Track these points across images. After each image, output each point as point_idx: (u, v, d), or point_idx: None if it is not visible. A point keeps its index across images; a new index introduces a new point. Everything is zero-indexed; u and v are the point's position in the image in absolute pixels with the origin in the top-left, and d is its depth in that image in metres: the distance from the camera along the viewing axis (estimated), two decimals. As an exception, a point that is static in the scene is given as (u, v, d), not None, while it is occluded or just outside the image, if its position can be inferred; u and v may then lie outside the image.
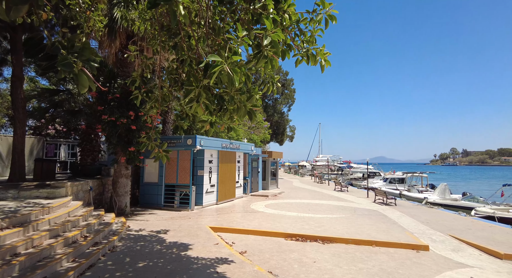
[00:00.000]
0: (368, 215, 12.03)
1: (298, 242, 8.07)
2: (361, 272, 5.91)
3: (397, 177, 30.19)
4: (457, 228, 9.97)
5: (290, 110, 43.57)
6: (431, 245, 7.95)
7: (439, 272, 6.03)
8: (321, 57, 4.44)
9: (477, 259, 7.04)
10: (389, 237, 8.47)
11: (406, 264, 6.51)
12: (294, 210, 12.79)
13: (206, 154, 13.30)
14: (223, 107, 5.16)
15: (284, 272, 5.79)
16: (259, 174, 20.02)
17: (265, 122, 27.07)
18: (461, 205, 17.70)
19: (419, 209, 14.27)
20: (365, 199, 17.98)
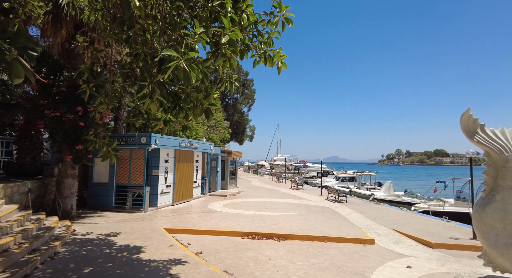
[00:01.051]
0: (321, 212, 12.61)
1: (255, 240, 8.18)
2: (313, 267, 6.18)
3: (348, 176, 32.07)
4: (399, 222, 10.91)
5: (250, 110, 43.92)
6: (376, 238, 8.58)
7: (382, 263, 6.54)
8: (278, 59, 4.56)
9: (414, 249, 7.78)
10: (340, 232, 8.97)
11: (354, 257, 6.96)
12: (252, 209, 12.92)
13: (162, 153, 12.84)
14: (178, 105, 5.03)
15: (240, 270, 5.82)
16: (218, 173, 19.87)
17: (225, 121, 26.92)
18: (403, 200, 19.40)
19: (367, 206, 15.33)
20: (319, 196, 18.82)
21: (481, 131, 4.73)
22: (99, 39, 8.49)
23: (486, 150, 4.69)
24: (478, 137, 4.71)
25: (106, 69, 7.80)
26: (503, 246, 4.33)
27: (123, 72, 5.30)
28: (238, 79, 38.26)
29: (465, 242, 8.15)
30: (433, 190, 20.84)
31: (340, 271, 5.94)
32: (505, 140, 4.54)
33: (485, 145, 4.64)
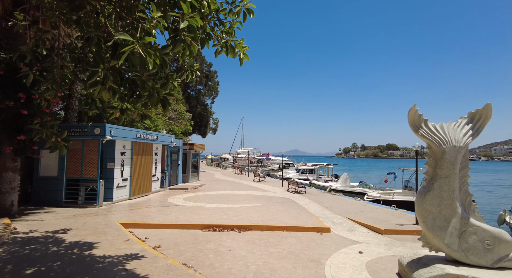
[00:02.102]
0: (281, 203, 12.96)
1: (215, 232, 8.17)
2: (272, 255, 6.35)
3: (308, 168, 33.28)
4: (353, 211, 11.61)
5: (213, 102, 43.22)
6: (332, 227, 9.06)
7: (336, 250, 6.93)
8: (240, 50, 4.52)
9: (365, 235, 8.36)
10: (298, 222, 9.30)
11: (311, 245, 7.27)
12: (214, 202, 12.86)
13: (118, 145, 12.18)
14: (135, 93, 4.79)
15: (199, 262, 5.79)
16: (179, 166, 19.40)
17: (187, 113, 26.21)
18: (357, 191, 20.68)
19: (324, 196, 16.07)
20: (280, 188, 19.29)
21: (424, 126, 5.17)
22: (44, 19, 7.71)
23: (428, 142, 5.15)
24: (422, 131, 5.15)
25: (54, 53, 7.15)
26: (438, 228, 4.84)
27: (74, 56, 4.90)
28: (201, 69, 37.36)
29: (409, 227, 8.94)
30: (384, 180, 22.52)
31: (297, 259, 6.18)
32: (444, 134, 5.02)
33: (427, 138, 5.09)
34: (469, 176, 5.12)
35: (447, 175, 4.93)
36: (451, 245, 4.77)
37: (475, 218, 4.92)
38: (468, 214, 4.94)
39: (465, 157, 5.10)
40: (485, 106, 5.10)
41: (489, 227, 4.77)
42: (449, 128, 5.12)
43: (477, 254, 4.66)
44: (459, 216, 4.84)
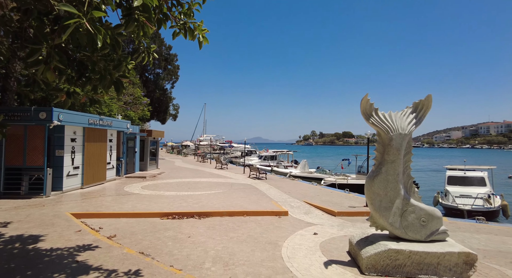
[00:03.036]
0: (243, 189, 13.15)
1: (175, 220, 8.07)
2: (231, 240, 6.47)
3: (269, 155, 33.98)
4: (309, 195, 12.18)
5: (173, 87, 41.67)
6: (290, 210, 9.44)
7: (293, 232, 7.26)
8: (199, 33, 4.38)
9: (320, 218, 8.86)
10: (258, 207, 9.54)
11: (269, 228, 7.53)
12: (173, 190, 12.63)
13: (68, 130, 11.29)
14: (84, 74, 4.44)
15: (158, 250, 5.71)
16: (137, 154, 18.59)
17: (144, 98, 24.93)
18: (315, 176, 21.68)
19: (284, 182, 16.61)
20: (242, 175, 19.50)
21: (375, 114, 5.52)
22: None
23: (377, 130, 5.52)
24: (373, 119, 5.50)
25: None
26: (384, 209, 5.29)
27: (8, 30, 4.37)
28: (160, 52, 35.54)
29: (360, 209, 9.65)
30: (339, 166, 23.86)
31: (256, 242, 6.38)
32: (391, 122, 5.42)
33: (377, 126, 5.45)
34: (412, 161, 5.63)
35: (393, 160, 5.36)
36: (394, 223, 5.26)
37: (415, 198, 5.45)
38: (409, 195, 5.46)
39: (409, 144, 5.57)
40: (427, 97, 5.58)
41: (425, 206, 5.33)
42: (396, 117, 5.53)
43: (414, 230, 5.20)
44: (401, 197, 5.33)
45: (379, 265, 4.90)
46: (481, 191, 14.03)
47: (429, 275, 4.80)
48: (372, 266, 4.91)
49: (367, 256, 4.95)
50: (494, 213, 13.19)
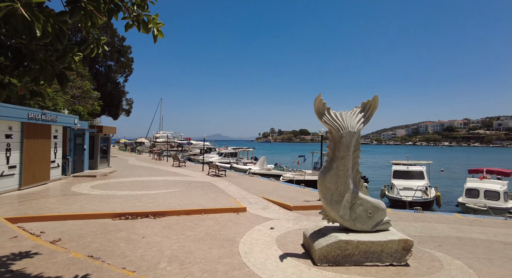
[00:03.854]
0: (201, 187, 12.98)
1: (128, 220, 7.71)
2: (188, 239, 6.38)
3: (229, 152, 33.93)
4: (267, 191, 12.45)
5: (127, 81, 39.39)
6: (248, 206, 9.57)
7: (251, 228, 7.39)
8: (154, 26, 4.22)
9: (277, 213, 9.12)
10: (216, 204, 9.51)
11: (228, 225, 7.56)
12: (127, 189, 12.02)
13: (2, 126, 10.11)
14: (22, 63, 4.03)
15: (109, 252, 5.42)
16: (85, 151, 17.30)
17: (94, 92, 23.22)
18: (273, 173, 22.18)
19: (243, 178, 16.73)
20: (200, 172, 19.22)
21: (327, 113, 5.83)
22: None
23: (329, 128, 5.83)
24: (325, 118, 5.79)
25: None
26: (335, 202, 5.62)
27: None
28: (112, 43, 33.29)
29: (314, 203, 10.11)
30: (296, 162, 24.71)
31: (214, 239, 6.37)
32: (342, 121, 5.76)
33: (329, 124, 5.76)
34: (360, 157, 6.05)
35: (343, 156, 5.71)
36: (344, 216, 5.62)
37: (362, 192, 5.88)
38: (357, 189, 5.87)
39: (357, 141, 5.97)
40: (374, 98, 6.03)
41: (371, 199, 5.78)
42: (346, 116, 5.89)
43: (362, 222, 5.62)
44: (351, 191, 5.71)
45: (330, 255, 5.22)
46: (420, 184, 15.55)
47: (373, 262, 5.24)
48: (324, 257, 5.20)
49: (319, 248, 5.23)
50: (430, 203, 14.73)
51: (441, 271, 5.01)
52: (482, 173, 16.76)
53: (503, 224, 8.33)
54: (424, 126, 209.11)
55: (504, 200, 13.35)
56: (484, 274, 4.93)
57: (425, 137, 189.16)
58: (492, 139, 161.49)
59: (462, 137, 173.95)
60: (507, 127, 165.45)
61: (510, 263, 5.45)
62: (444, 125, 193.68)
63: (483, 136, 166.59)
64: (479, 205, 12.94)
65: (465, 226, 7.95)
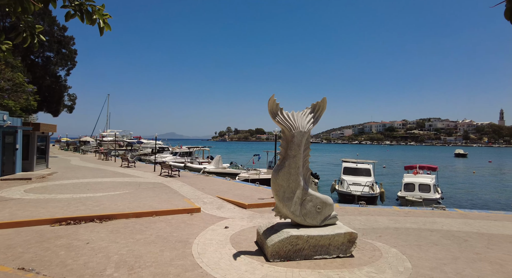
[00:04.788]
0: (152, 188, 12.46)
1: (70, 226, 7.09)
2: (138, 242, 6.09)
3: (183, 151, 33.05)
4: (222, 190, 12.41)
5: (69, 74, 36.02)
6: (202, 206, 9.44)
7: (205, 228, 7.31)
8: (100, 18, 3.94)
9: (232, 211, 9.15)
10: (169, 205, 9.22)
11: (181, 226, 7.38)
12: (69, 192, 11.05)
13: None
14: None
15: (45, 262, 4.93)
16: (18, 151, 15.46)
17: (29, 85, 20.80)
18: (228, 172, 22.17)
19: (198, 178, 16.44)
20: (152, 173, 18.43)
21: (280, 114, 6.01)
22: None
23: (282, 128, 6.02)
24: (278, 118, 5.97)
25: None
26: (287, 199, 5.83)
27: None
28: (50, 33, 30.13)
29: (268, 201, 10.35)
30: (251, 161, 25.01)
31: (165, 242, 6.17)
32: (294, 121, 5.99)
33: (282, 124, 5.95)
34: (310, 155, 6.34)
35: (294, 155, 5.94)
36: (295, 211, 5.86)
37: (312, 188, 6.19)
38: (307, 185, 6.16)
39: (307, 140, 6.26)
40: (322, 100, 6.37)
41: (320, 195, 6.11)
42: (297, 116, 6.14)
43: (311, 217, 5.92)
44: (301, 188, 5.97)
45: (282, 251, 5.40)
46: (368, 180, 16.83)
47: (322, 255, 5.54)
48: (276, 252, 5.36)
49: (272, 244, 5.38)
50: (375, 198, 16.03)
51: (381, 259, 5.50)
52: (415, 168, 18.71)
53: (430, 213, 9.42)
54: (369, 127, 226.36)
55: (434, 192, 15.09)
56: (414, 259, 5.53)
57: (370, 136, 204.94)
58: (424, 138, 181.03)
59: (401, 136, 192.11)
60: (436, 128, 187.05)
61: (434, 247, 6.19)
62: (386, 126, 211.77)
63: (417, 136, 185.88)
64: (416, 197, 14.44)
65: (401, 217, 8.81)
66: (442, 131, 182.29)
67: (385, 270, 4.97)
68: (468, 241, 6.69)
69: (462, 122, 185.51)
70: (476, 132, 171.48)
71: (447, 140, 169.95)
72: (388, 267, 5.10)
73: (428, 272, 4.94)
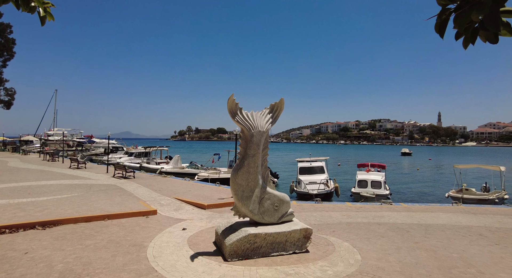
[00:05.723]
0: (104, 191, 11.72)
1: (4, 235, 6.39)
2: (87, 248, 5.70)
3: (140, 151, 31.56)
4: (181, 191, 12.11)
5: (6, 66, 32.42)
6: (159, 208, 9.12)
7: (161, 230, 7.07)
8: (40, 6, 3.60)
9: (190, 213, 8.97)
10: (123, 208, 8.75)
11: (135, 230, 7.05)
12: (4, 197, 9.95)
13: None
14: None
15: (-26, 277, 4.39)
16: None
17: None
18: (188, 172, 21.69)
19: (155, 179, 15.83)
20: (104, 174, 17.34)
21: (239, 113, 6.03)
22: None
23: (241, 127, 6.05)
24: (238, 118, 5.99)
25: None
26: (245, 198, 5.88)
27: None
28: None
29: (228, 200, 10.33)
30: (211, 161, 24.73)
31: (118, 247, 5.85)
32: (252, 121, 6.06)
33: (241, 123, 5.98)
34: (268, 154, 6.47)
35: (253, 154, 6.01)
36: (253, 210, 5.93)
37: (270, 187, 6.31)
38: (266, 184, 6.26)
39: (266, 140, 6.37)
40: (280, 101, 6.53)
41: (277, 193, 6.25)
42: (256, 116, 6.21)
43: (269, 215, 6.04)
44: (260, 186, 6.06)
45: (240, 250, 5.43)
46: (322, 177, 17.58)
47: (279, 252, 5.69)
48: (234, 252, 5.38)
49: (230, 244, 5.38)
50: (331, 194, 16.82)
51: (334, 253, 5.80)
52: (367, 166, 20.02)
53: (379, 208, 10.16)
54: (325, 127, 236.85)
55: (384, 188, 16.28)
56: (364, 251, 5.93)
57: (326, 136, 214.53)
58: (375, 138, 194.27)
59: (355, 136, 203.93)
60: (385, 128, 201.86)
61: (381, 239, 6.70)
62: (341, 126, 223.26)
63: (369, 135, 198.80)
64: (369, 193, 15.44)
65: (353, 213, 9.37)
66: (391, 131, 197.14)
67: (338, 263, 5.26)
68: (409, 232, 7.34)
69: (408, 123, 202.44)
70: (419, 133, 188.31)
71: (395, 139, 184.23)
72: (340, 260, 5.40)
73: (375, 263, 5.33)
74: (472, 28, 1.95)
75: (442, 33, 2.08)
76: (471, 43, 1.99)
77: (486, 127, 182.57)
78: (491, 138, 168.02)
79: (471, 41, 1.98)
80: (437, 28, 2.09)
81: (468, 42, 1.99)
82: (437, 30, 2.10)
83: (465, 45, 2.03)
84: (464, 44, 2.02)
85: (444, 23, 2.06)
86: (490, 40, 1.89)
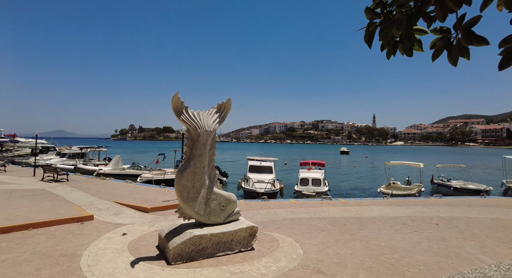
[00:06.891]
0: (30, 196, 10.40)
1: None
2: (3, 265, 4.98)
3: (74, 152, 28.67)
4: (121, 194, 11.33)
5: None
6: (96, 214, 8.41)
7: (98, 237, 6.53)
8: None
9: (132, 217, 8.46)
10: (52, 215, 7.88)
11: (67, 238, 6.40)
12: None
13: None
14: None
15: None
16: None
17: None
18: (129, 173, 20.38)
19: (91, 182, 14.54)
20: (30, 178, 15.38)
21: (185, 112, 5.87)
22: None
23: (187, 127, 5.90)
24: (183, 117, 5.82)
25: None
26: (191, 199, 5.75)
27: None
28: None
29: (174, 202, 9.98)
30: (155, 161, 23.62)
31: (45, 258, 5.25)
32: (199, 120, 5.95)
33: (187, 123, 5.82)
34: (216, 154, 6.42)
35: (200, 154, 5.90)
36: (199, 211, 5.83)
37: (217, 187, 6.27)
38: (213, 184, 6.21)
39: (213, 139, 6.31)
40: (227, 100, 6.53)
41: (224, 193, 6.25)
42: (203, 116, 6.12)
43: (215, 215, 6.00)
44: (206, 187, 5.98)
45: (185, 252, 5.30)
46: (270, 177, 18.04)
47: (225, 252, 5.69)
48: (178, 255, 5.23)
49: (173, 247, 5.21)
50: (276, 194, 17.35)
51: (278, 249, 6.01)
52: (309, 164, 21.13)
53: (320, 204, 10.83)
54: (273, 127, 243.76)
55: (324, 185, 17.34)
56: (306, 245, 6.26)
57: (274, 136, 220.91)
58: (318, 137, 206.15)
59: (300, 136, 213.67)
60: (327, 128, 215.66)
61: (322, 233, 7.15)
62: (287, 126, 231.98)
63: (313, 135, 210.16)
64: (310, 191, 16.28)
65: (297, 209, 9.82)
66: (332, 131, 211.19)
67: (281, 259, 5.46)
68: (346, 225, 7.96)
69: (347, 124, 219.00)
70: (357, 133, 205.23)
71: (336, 139, 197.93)
72: (283, 256, 5.62)
73: (316, 256, 5.66)
74: (393, 42, 2.20)
75: (370, 44, 2.30)
76: (393, 54, 2.25)
77: (411, 128, 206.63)
78: (415, 138, 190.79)
79: (393, 52, 2.24)
80: (366, 38, 2.30)
81: (390, 53, 2.24)
82: (366, 41, 2.31)
83: (388, 56, 2.28)
84: (387, 55, 2.27)
85: (372, 35, 2.28)
86: (407, 53, 2.15)
